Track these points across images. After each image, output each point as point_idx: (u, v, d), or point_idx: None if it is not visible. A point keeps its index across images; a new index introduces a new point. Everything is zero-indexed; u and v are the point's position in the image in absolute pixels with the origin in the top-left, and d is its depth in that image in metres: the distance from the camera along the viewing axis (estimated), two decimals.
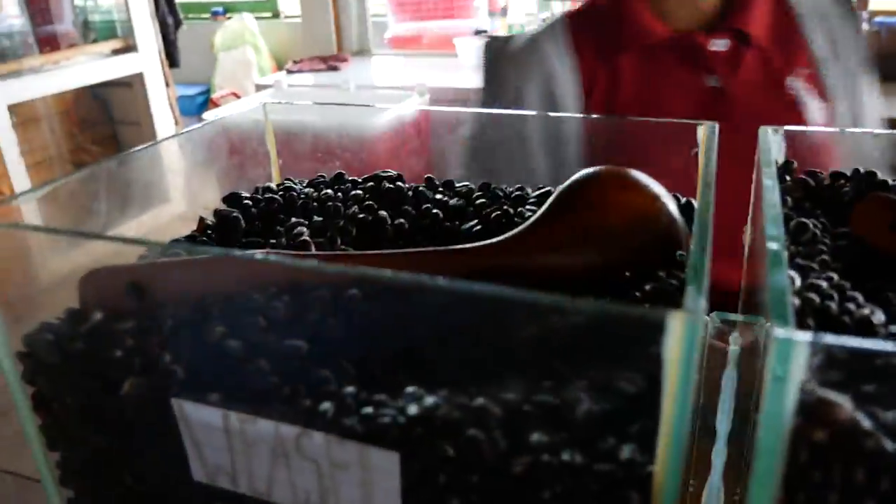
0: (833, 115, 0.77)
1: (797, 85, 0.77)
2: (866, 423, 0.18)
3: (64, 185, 0.37)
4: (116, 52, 2.44)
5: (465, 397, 0.23)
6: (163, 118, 2.50)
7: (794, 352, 0.17)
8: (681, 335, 0.18)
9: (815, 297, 0.25)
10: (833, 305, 0.25)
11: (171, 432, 0.26)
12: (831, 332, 0.24)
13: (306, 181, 0.44)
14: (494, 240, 0.34)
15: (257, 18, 3.30)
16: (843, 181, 0.35)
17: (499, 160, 0.55)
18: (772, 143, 0.36)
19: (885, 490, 0.18)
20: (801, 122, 0.75)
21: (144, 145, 0.39)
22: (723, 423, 0.33)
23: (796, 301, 0.25)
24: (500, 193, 0.40)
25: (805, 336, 0.17)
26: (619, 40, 0.82)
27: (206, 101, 3.25)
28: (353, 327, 0.24)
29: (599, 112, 0.81)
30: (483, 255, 0.33)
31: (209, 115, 2.13)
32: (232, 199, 0.40)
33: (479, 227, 0.37)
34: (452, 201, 0.39)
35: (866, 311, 0.25)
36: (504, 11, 2.89)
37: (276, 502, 0.26)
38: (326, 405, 0.24)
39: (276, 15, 3.42)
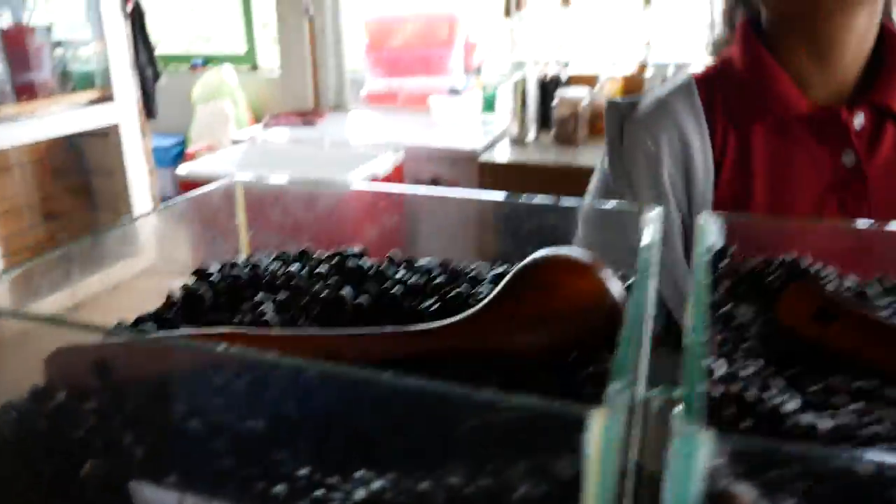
0: None
1: None
2: None
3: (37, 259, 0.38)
4: (93, 102, 2.46)
5: (411, 482, 0.25)
6: (137, 169, 2.51)
7: (694, 445, 0.19)
8: (601, 430, 0.20)
9: (735, 386, 0.27)
10: (751, 394, 0.27)
11: None
12: (749, 418, 0.26)
13: (273, 255, 0.46)
14: (449, 321, 0.36)
15: (236, 71, 3.35)
16: (772, 268, 0.38)
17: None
18: (710, 229, 0.39)
19: None
20: None
21: (119, 223, 0.40)
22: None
23: (716, 389, 0.27)
24: (459, 272, 0.42)
25: (705, 433, 0.19)
26: (753, 109, 0.78)
27: (181, 153, 3.26)
28: (305, 412, 0.26)
29: (729, 185, 0.77)
30: (438, 336, 0.35)
31: (183, 169, 2.15)
32: (199, 274, 0.41)
33: (436, 306, 0.39)
34: (412, 279, 0.41)
35: (781, 399, 0.27)
36: (478, 70, 2.97)
37: None
38: (279, 488, 0.26)
39: (255, 67, 3.48)
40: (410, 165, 2.38)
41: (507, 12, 2.52)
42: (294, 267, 0.43)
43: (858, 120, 0.74)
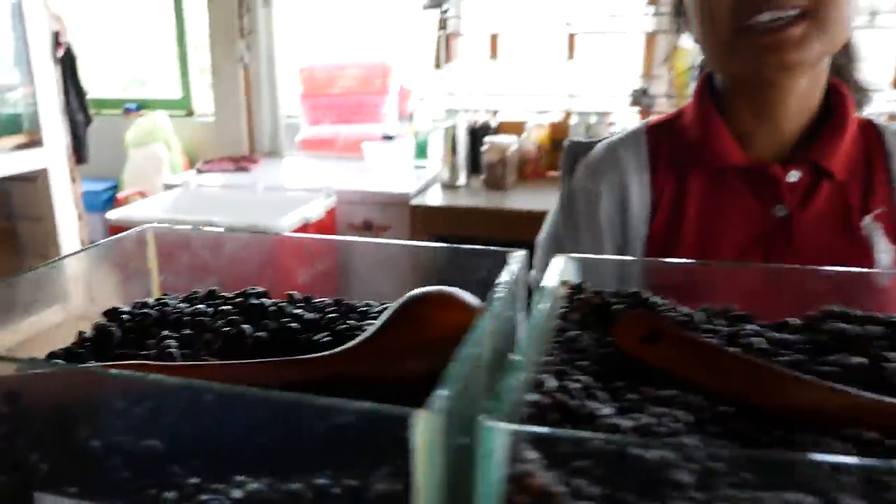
0: None
1: (871, 225, 0.76)
2: (556, 489, 0.25)
3: None
4: (21, 146, 2.43)
5: (284, 483, 0.29)
6: (66, 214, 2.48)
7: (495, 437, 0.25)
8: (423, 429, 0.25)
9: (562, 396, 0.33)
10: (573, 402, 0.32)
11: None
12: (570, 421, 0.32)
13: (181, 296, 0.50)
14: (335, 350, 0.40)
15: (171, 116, 3.35)
16: (619, 300, 0.44)
17: None
18: (563, 266, 0.45)
19: None
20: (867, 262, 0.74)
21: (31, 268, 0.44)
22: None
23: (546, 398, 0.32)
24: (351, 308, 0.47)
25: (503, 426, 0.25)
26: (693, 158, 0.83)
27: (112, 198, 3.23)
28: (191, 428, 0.30)
29: (663, 226, 0.83)
30: (323, 364, 0.39)
31: (113, 214, 2.14)
32: (110, 313, 0.45)
33: (328, 339, 0.43)
34: (308, 315, 0.46)
35: (599, 406, 0.32)
36: (411, 117, 3.06)
37: None
38: (170, 494, 0.30)
39: (190, 113, 3.48)
40: (343, 209, 2.43)
41: (438, 64, 2.62)
42: (200, 306, 0.47)
43: (793, 175, 0.79)
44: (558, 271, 0.43)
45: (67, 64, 2.70)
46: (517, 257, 0.44)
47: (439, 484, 0.26)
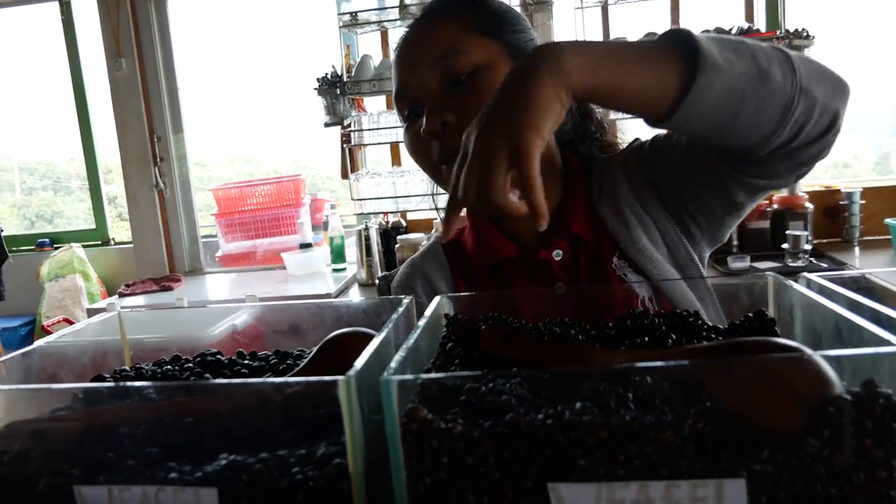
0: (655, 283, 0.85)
1: (620, 265, 0.87)
2: (432, 416, 0.40)
3: None
4: None
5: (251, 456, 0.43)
6: None
7: (390, 386, 0.39)
8: (345, 390, 0.40)
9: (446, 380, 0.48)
10: (451, 383, 0.47)
11: None
12: (456, 393, 0.46)
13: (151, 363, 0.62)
14: None
15: (85, 247, 3.39)
16: (483, 320, 0.60)
17: None
18: (445, 302, 0.61)
19: None
20: (633, 296, 0.82)
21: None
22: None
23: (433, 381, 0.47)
24: (287, 354, 0.61)
25: (393, 380, 0.40)
26: (478, 261, 0.96)
27: (30, 332, 3.21)
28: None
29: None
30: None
31: (42, 342, 2.17)
32: (97, 378, 0.58)
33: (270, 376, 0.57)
34: (255, 364, 0.60)
35: (470, 385, 0.48)
36: (325, 226, 3.23)
37: None
38: (173, 474, 0.43)
39: (105, 243, 3.53)
40: (269, 315, 2.53)
41: (344, 174, 2.83)
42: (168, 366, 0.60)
43: (557, 255, 0.91)
44: (437, 306, 0.60)
45: None
46: (405, 303, 0.60)
47: (360, 428, 0.41)
